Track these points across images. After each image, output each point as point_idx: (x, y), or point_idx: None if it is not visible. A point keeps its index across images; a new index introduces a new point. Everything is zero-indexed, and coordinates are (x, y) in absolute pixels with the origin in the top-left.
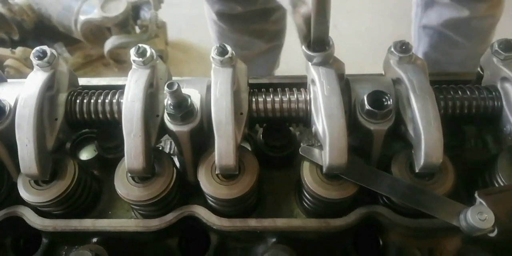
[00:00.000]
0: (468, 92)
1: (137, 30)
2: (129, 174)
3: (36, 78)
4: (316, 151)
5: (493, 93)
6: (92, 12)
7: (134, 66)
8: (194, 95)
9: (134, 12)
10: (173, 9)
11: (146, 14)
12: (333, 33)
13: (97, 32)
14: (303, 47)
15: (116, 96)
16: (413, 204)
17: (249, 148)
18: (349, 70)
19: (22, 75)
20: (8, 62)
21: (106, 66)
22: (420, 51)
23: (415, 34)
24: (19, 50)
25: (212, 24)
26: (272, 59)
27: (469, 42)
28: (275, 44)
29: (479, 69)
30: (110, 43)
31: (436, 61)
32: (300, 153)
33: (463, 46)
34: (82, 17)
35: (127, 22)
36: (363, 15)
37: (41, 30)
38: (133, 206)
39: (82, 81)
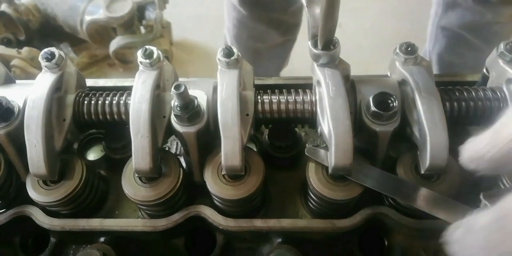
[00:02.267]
0: (474, 94)
1: (142, 30)
2: (136, 175)
3: (45, 80)
4: (322, 151)
5: (499, 94)
6: (97, 12)
7: (141, 67)
8: (200, 97)
9: (139, 12)
10: (177, 8)
11: (151, 14)
12: (337, 31)
13: (102, 32)
14: (310, 45)
15: (123, 97)
16: (418, 206)
17: (255, 149)
18: (354, 67)
19: (28, 75)
20: (14, 62)
21: (111, 66)
22: (435, 51)
23: (432, 34)
24: (25, 50)
25: (230, 11)
26: (283, 54)
27: (487, 46)
28: (289, 38)
29: (484, 70)
30: (115, 43)
31: (450, 63)
32: (306, 153)
33: (481, 51)
34: (87, 17)
35: (132, 22)
36: (367, 13)
37: (47, 30)
38: (140, 206)
39: (89, 82)
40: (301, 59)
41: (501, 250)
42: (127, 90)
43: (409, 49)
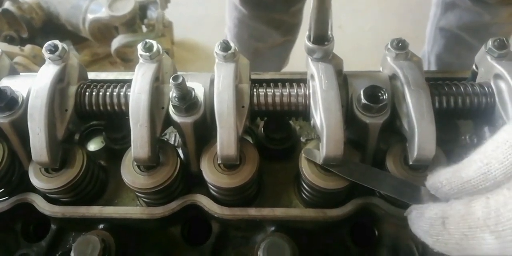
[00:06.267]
0: (462, 88)
1: (144, 29)
2: (135, 163)
3: (48, 71)
4: (318, 152)
5: (486, 89)
6: (100, 11)
7: (141, 60)
8: (198, 88)
9: (141, 12)
10: (179, 8)
11: (153, 13)
12: (337, 32)
13: (104, 30)
14: (305, 38)
15: (124, 89)
16: (406, 199)
17: (251, 141)
18: (352, 68)
19: (30, 72)
20: (17, 59)
21: (112, 64)
22: (434, 52)
23: (431, 35)
24: (27, 47)
25: (232, 10)
26: (283, 54)
27: None
28: (289, 39)
29: (474, 66)
30: (117, 42)
31: (448, 63)
32: (303, 154)
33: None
34: (90, 16)
35: (134, 21)
36: (367, 14)
37: (49, 28)
38: (138, 194)
39: (91, 75)
40: (301, 59)
41: (438, 238)
42: (127, 83)
43: (400, 44)
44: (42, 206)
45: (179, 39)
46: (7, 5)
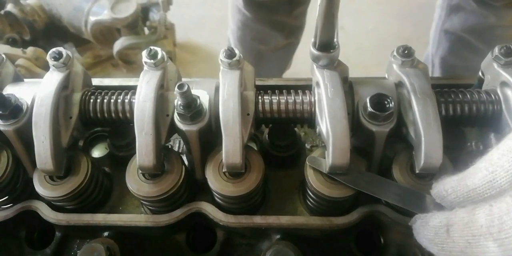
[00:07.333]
0: (468, 96)
1: (146, 31)
2: (140, 171)
3: (52, 78)
4: (323, 160)
5: (493, 97)
6: (102, 13)
7: (145, 67)
8: (203, 96)
9: (143, 14)
10: (180, 10)
11: (155, 15)
12: (339, 33)
13: (106, 33)
14: (311, 45)
15: (128, 96)
16: (412, 208)
17: (255, 148)
18: (355, 70)
19: (32, 74)
20: (19, 61)
21: (115, 66)
22: (439, 55)
23: (435, 37)
24: (30, 50)
25: (235, 13)
26: (286, 57)
27: (490, 50)
28: (292, 41)
29: (480, 73)
30: (119, 44)
31: (453, 66)
32: (307, 163)
33: (483, 54)
34: (92, 18)
35: (136, 23)
36: (369, 15)
37: (51, 31)
38: (143, 202)
39: (95, 81)
40: (304, 62)
41: (443, 246)
42: (131, 89)
43: (406, 52)
44: (47, 213)
45: (181, 41)
46: (9, 7)
